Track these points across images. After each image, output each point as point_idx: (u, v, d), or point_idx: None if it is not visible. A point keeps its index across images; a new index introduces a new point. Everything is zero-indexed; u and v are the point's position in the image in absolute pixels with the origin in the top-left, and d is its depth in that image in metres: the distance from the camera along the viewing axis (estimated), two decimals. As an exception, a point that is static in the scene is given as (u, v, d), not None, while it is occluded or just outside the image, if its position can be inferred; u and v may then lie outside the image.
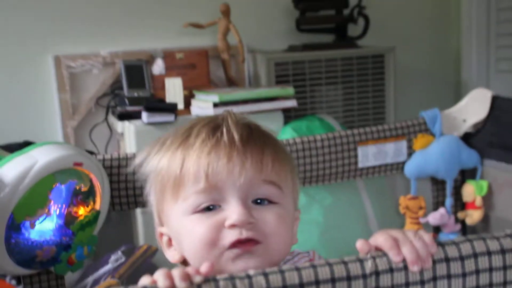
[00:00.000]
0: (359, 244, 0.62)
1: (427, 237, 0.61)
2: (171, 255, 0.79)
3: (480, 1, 2.72)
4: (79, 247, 1.05)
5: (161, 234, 0.80)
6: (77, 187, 1.04)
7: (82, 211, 1.05)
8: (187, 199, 0.73)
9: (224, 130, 0.74)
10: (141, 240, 1.90)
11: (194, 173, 0.72)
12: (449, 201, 1.51)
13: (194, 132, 0.75)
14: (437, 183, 1.52)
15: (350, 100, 2.41)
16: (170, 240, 0.79)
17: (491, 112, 1.45)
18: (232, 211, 0.71)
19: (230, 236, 0.71)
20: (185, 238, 0.74)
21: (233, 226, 0.71)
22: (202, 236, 0.71)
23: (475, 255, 0.59)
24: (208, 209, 0.73)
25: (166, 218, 0.77)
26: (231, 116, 0.77)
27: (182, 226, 0.74)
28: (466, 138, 1.50)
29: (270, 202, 0.74)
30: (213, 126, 0.75)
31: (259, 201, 0.74)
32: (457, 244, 0.59)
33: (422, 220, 1.50)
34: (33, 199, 0.98)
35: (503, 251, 0.59)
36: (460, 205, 1.54)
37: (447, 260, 0.59)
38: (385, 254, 0.59)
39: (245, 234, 0.70)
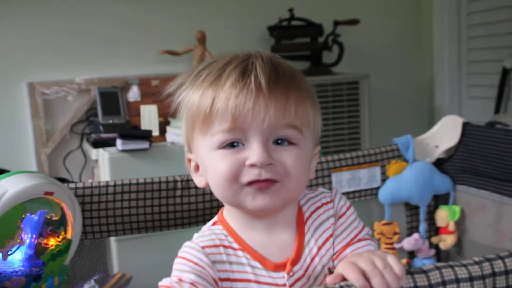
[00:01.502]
0: (329, 280, 0.65)
1: (398, 267, 0.61)
2: (199, 180, 0.86)
3: (451, 30, 2.78)
4: (49, 278, 1.03)
5: (189, 160, 0.87)
6: (48, 217, 1.03)
7: (52, 242, 1.03)
8: (214, 135, 0.78)
9: (252, 75, 0.78)
10: (115, 268, 1.87)
11: (222, 113, 0.77)
12: (423, 226, 1.52)
13: (225, 73, 0.79)
14: (411, 209, 1.53)
15: (325, 126, 2.43)
16: (197, 166, 0.86)
17: (462, 139, 1.47)
18: (253, 152, 0.76)
19: (250, 174, 0.77)
20: (210, 171, 0.81)
21: (253, 165, 0.76)
22: (224, 171, 0.77)
23: (444, 283, 0.60)
24: (232, 145, 0.78)
25: (195, 148, 0.83)
26: (261, 58, 0.81)
27: (208, 159, 0.80)
28: (439, 164, 1.52)
29: (290, 143, 0.79)
30: (243, 69, 0.79)
31: (279, 141, 0.79)
32: (426, 272, 0.60)
33: (396, 246, 1.50)
34: (3, 229, 0.96)
35: (471, 279, 0.59)
36: (434, 230, 1.55)
37: (416, 288, 0.60)
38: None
39: (264, 175, 0.76)
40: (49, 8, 2.29)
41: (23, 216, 0.99)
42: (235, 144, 0.78)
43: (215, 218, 0.88)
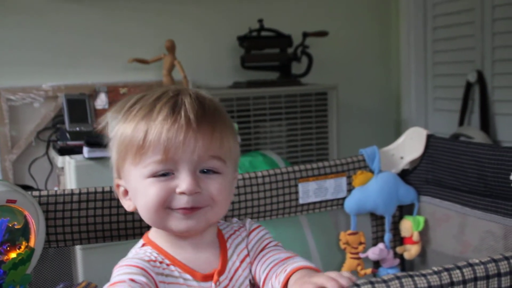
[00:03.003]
0: None
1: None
2: (127, 204, 0.93)
3: (418, 44, 2.84)
4: (11, 287, 1.02)
5: (118, 185, 0.94)
6: (10, 225, 1.01)
7: (13, 255, 1.01)
8: (146, 166, 0.85)
9: (182, 111, 0.85)
10: (80, 277, 1.84)
11: (154, 145, 0.84)
12: (387, 236, 1.54)
13: (156, 108, 0.86)
14: (376, 219, 1.55)
15: (294, 136, 2.45)
16: (126, 191, 0.93)
17: (426, 150, 1.50)
18: (183, 181, 0.84)
19: (179, 201, 0.85)
20: (140, 196, 0.87)
21: (182, 193, 0.84)
22: (155, 196, 0.85)
23: (403, 292, 0.61)
24: (162, 175, 0.85)
25: (125, 175, 0.90)
26: (189, 95, 0.88)
27: (139, 186, 0.87)
28: (404, 175, 1.54)
29: (215, 172, 0.88)
30: (173, 104, 0.86)
31: (205, 171, 0.87)
32: (386, 282, 0.61)
33: (362, 255, 1.52)
34: (-37, 237, 0.94)
35: (430, 288, 0.61)
36: (398, 240, 1.57)
37: (376, 297, 0.61)
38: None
39: (191, 203, 0.85)
40: (16, 14, 2.26)
41: (-15, 224, 0.98)
42: (165, 174, 0.85)
43: (141, 242, 0.94)
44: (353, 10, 2.87)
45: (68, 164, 1.94)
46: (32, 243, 1.05)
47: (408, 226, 1.53)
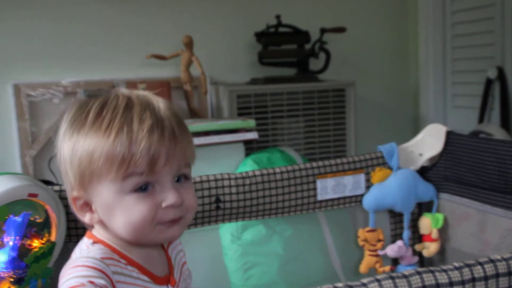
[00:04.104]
0: None
1: None
2: (89, 217, 0.87)
3: (436, 40, 2.81)
4: (33, 280, 1.03)
5: (75, 198, 0.87)
6: (32, 219, 1.02)
7: (36, 243, 1.02)
8: (126, 179, 0.81)
9: (166, 121, 0.83)
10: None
11: (141, 158, 0.80)
12: (406, 233, 1.53)
13: (135, 119, 0.82)
14: (395, 216, 1.54)
15: (311, 133, 2.44)
16: (85, 204, 0.87)
17: (446, 147, 1.49)
18: (168, 194, 0.83)
19: (167, 214, 0.84)
20: (120, 213, 0.83)
21: (169, 206, 0.84)
22: (143, 214, 0.82)
23: (425, 288, 0.60)
24: (142, 189, 0.83)
25: (93, 189, 0.84)
26: (157, 102, 0.86)
27: (116, 203, 0.83)
28: (423, 171, 1.53)
29: (186, 178, 0.88)
30: (153, 115, 0.83)
31: (178, 179, 0.86)
32: (407, 277, 0.60)
33: (380, 252, 1.51)
34: (-14, 230, 0.96)
35: (451, 284, 0.60)
36: (417, 237, 1.56)
37: (398, 292, 0.60)
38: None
39: (178, 213, 0.85)
40: (36, 10, 2.28)
41: (6, 217, 0.99)
42: (144, 187, 0.83)
43: (87, 240, 0.89)
44: (370, 5, 2.85)
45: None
46: (53, 237, 1.06)
47: (427, 224, 1.52)
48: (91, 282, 0.75)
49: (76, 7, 2.33)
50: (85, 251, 0.85)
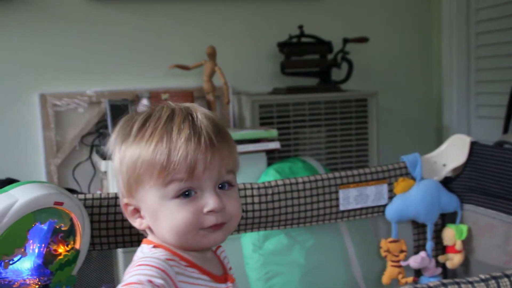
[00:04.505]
0: None
1: None
2: (139, 222, 0.92)
3: (460, 50, 2.79)
4: (57, 287, 1.04)
5: (126, 205, 0.92)
6: (57, 226, 1.04)
7: (61, 250, 1.04)
8: (168, 185, 0.86)
9: (204, 131, 0.87)
10: (122, 279, 1.87)
11: (178, 165, 0.84)
12: (429, 244, 1.52)
13: (175, 129, 0.87)
14: (418, 227, 1.53)
15: (333, 143, 2.44)
16: (135, 210, 0.92)
17: (470, 158, 1.48)
18: (210, 200, 0.86)
19: (209, 220, 0.87)
20: (164, 218, 0.87)
21: (211, 212, 0.86)
22: (187, 219, 0.86)
23: (449, 299, 0.60)
24: (185, 194, 0.86)
25: (140, 196, 0.89)
26: (199, 113, 0.90)
27: (161, 208, 0.87)
28: (446, 182, 1.52)
29: (230, 185, 0.91)
30: (191, 124, 0.88)
31: (221, 185, 0.89)
32: (431, 289, 0.60)
33: (403, 263, 1.50)
34: (12, 238, 0.97)
35: (476, 296, 0.60)
36: (441, 248, 1.55)
37: (422, 304, 0.60)
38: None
39: (220, 219, 0.88)
40: (62, 22, 2.32)
41: (32, 225, 1.00)
42: (187, 193, 0.86)
43: (147, 245, 0.92)
44: (393, 15, 2.85)
45: (111, 168, 1.98)
46: (77, 245, 1.08)
47: (450, 235, 1.51)
48: (150, 281, 0.77)
49: (101, 19, 2.37)
50: (149, 253, 0.89)
